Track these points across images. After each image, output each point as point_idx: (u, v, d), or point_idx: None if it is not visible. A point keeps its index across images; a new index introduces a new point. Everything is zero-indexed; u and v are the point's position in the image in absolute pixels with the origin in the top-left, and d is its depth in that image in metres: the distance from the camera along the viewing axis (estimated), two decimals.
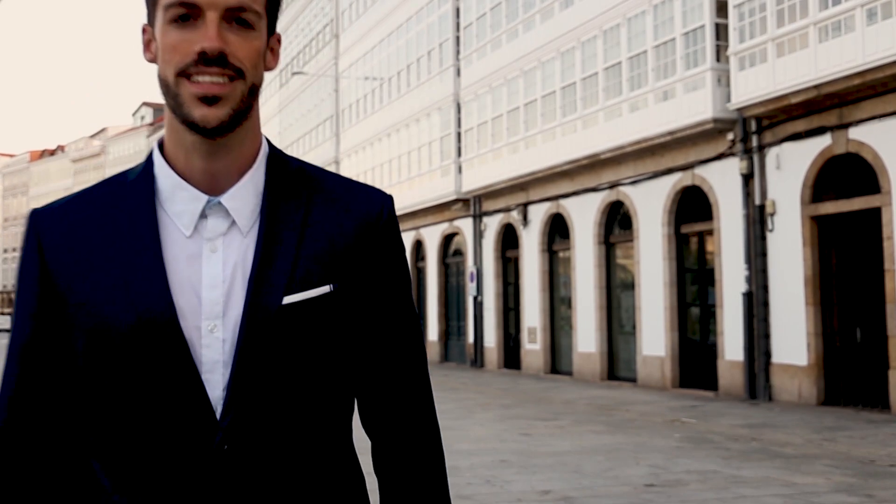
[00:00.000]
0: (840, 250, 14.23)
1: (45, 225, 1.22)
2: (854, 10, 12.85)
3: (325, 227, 1.21)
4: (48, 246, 1.20)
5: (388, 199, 1.26)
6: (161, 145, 1.24)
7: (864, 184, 13.46)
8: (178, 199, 1.18)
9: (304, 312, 1.17)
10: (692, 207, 17.09)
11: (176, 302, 1.14)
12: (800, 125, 14.35)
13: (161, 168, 1.21)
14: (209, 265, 1.17)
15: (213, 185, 1.19)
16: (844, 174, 13.81)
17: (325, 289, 1.18)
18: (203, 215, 1.18)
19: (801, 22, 13.69)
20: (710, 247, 16.90)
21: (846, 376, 13.99)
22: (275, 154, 1.26)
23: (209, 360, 1.15)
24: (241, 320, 1.14)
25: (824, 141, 13.93)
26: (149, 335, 1.13)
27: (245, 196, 1.20)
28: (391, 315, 1.26)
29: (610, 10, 18.19)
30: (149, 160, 1.24)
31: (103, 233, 1.18)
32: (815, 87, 13.41)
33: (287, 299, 1.16)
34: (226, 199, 1.18)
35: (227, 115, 1.15)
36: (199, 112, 1.14)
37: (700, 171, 16.62)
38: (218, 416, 1.14)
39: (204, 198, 1.18)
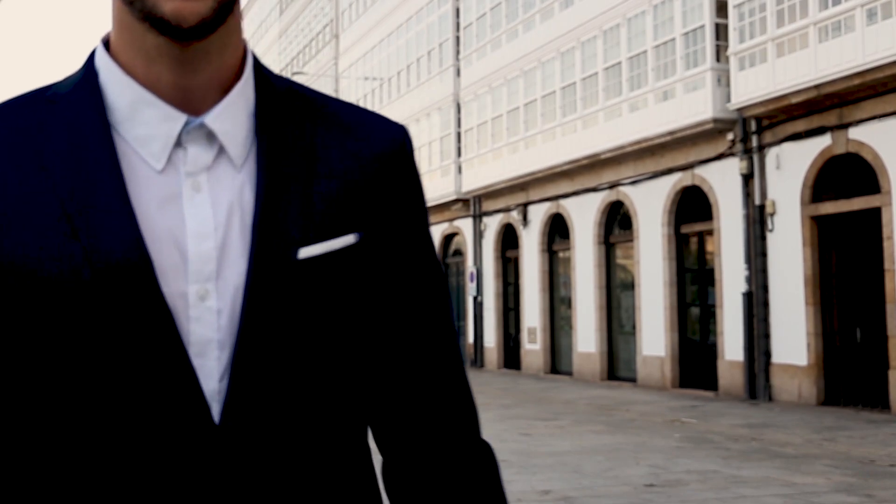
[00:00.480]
0: (840, 250, 14.24)
1: None
2: (854, 10, 12.85)
3: (337, 159, 0.90)
4: None
5: (405, 130, 0.98)
6: (107, 45, 0.88)
7: (864, 184, 13.47)
8: (141, 120, 0.84)
9: (325, 270, 0.86)
10: (692, 207, 17.10)
11: (152, 258, 0.81)
12: (800, 125, 14.35)
13: (112, 76, 0.86)
14: (194, 209, 0.84)
15: (187, 104, 0.85)
16: (844, 174, 13.82)
17: (350, 238, 0.88)
18: (178, 143, 0.85)
19: (801, 22, 13.70)
20: (710, 247, 16.91)
21: (846, 376, 14.00)
22: (260, 66, 0.93)
23: (200, 338, 0.82)
24: (244, 282, 0.83)
25: (824, 141, 13.93)
26: (112, 302, 0.80)
27: (236, 116, 0.87)
28: (421, 274, 0.96)
29: (610, 10, 18.19)
30: (90, 67, 0.88)
31: (29, 168, 0.83)
32: (815, 87, 13.42)
33: (304, 252, 0.85)
34: (211, 119, 0.85)
35: (209, 8, 0.81)
36: (171, 5, 0.80)
37: (700, 171, 16.62)
38: (215, 415, 0.82)
39: (181, 117, 0.84)
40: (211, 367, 0.83)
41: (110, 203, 0.81)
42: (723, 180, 16.02)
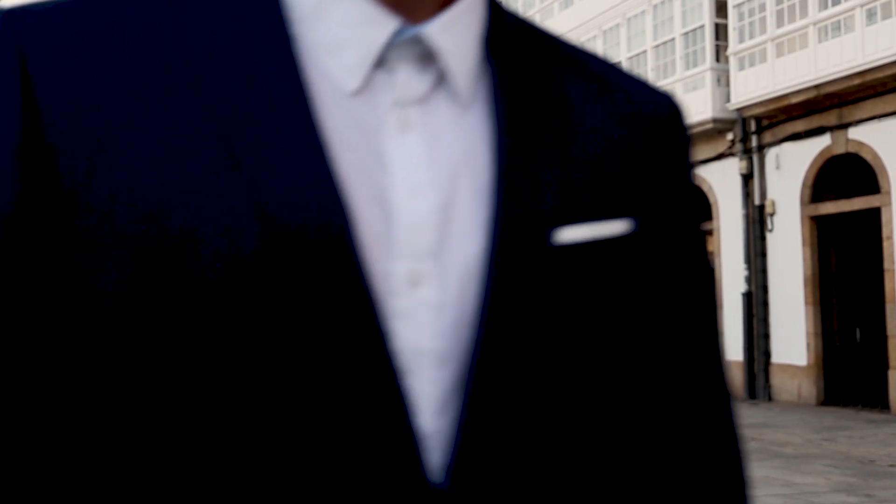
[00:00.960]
0: (840, 250, 14.23)
1: (35, 37, 0.53)
2: (853, 10, 12.85)
3: (598, 121, 0.63)
4: (42, 75, 0.52)
5: (677, 102, 0.70)
6: None
7: (864, 184, 13.46)
8: (332, 19, 0.56)
9: (591, 263, 0.58)
10: None
11: (348, 217, 0.52)
12: (799, 125, 14.34)
13: None
14: (402, 152, 0.55)
15: (397, 8, 0.56)
16: (844, 174, 13.81)
17: (623, 225, 0.61)
18: (380, 60, 0.56)
19: (801, 22, 13.69)
20: (709, 246, 16.88)
21: (846, 376, 13.99)
22: None
23: (409, 346, 0.53)
24: (483, 267, 0.55)
25: (824, 141, 13.92)
26: (285, 280, 0.50)
27: (464, 35, 0.58)
28: (699, 282, 0.68)
29: (609, 9, 18.19)
30: None
31: (175, 74, 0.53)
32: (815, 87, 13.41)
33: (565, 235, 0.57)
34: (433, 30, 0.56)
35: None
36: None
37: (700, 170, 16.61)
38: (432, 471, 0.52)
39: (390, 22, 0.56)
40: (423, 393, 0.53)
41: (291, 132, 0.52)
42: (722, 180, 16.01)
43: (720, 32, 15.72)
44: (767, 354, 15.06)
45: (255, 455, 0.51)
